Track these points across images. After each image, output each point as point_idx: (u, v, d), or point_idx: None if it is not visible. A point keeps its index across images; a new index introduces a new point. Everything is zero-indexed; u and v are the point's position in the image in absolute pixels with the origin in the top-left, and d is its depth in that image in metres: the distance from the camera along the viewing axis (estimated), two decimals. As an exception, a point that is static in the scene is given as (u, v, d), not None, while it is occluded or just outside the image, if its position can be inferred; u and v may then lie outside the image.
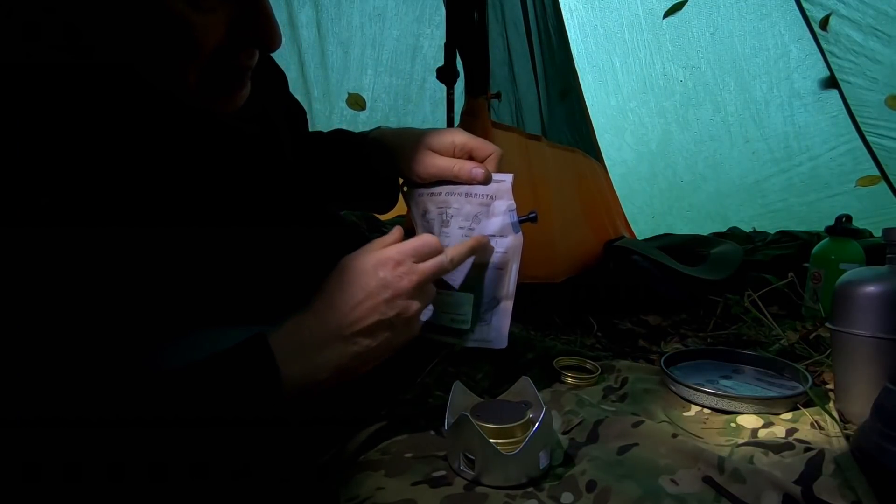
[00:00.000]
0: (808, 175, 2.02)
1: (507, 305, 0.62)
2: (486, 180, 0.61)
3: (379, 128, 0.72)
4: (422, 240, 0.55)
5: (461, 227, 0.62)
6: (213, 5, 0.42)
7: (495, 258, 0.61)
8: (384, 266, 0.51)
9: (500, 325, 0.62)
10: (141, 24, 0.41)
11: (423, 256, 0.54)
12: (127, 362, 0.44)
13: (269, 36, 0.46)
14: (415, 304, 0.52)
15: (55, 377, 0.39)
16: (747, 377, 0.80)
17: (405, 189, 0.69)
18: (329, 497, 0.52)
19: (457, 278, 0.61)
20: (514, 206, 0.61)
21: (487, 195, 0.62)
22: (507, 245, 0.61)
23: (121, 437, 0.40)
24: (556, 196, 1.27)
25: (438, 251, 0.55)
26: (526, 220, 0.62)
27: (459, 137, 0.64)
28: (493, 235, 0.61)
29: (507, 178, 0.62)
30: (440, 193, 0.64)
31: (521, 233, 0.61)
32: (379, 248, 0.54)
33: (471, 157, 0.64)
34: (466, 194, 0.62)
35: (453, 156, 0.64)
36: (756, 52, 1.91)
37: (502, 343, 0.62)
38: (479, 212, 0.62)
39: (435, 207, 0.64)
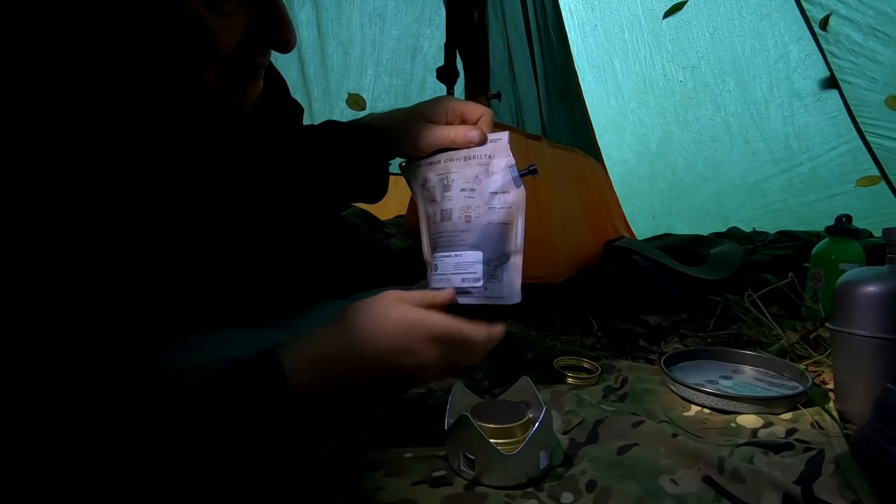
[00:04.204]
0: (808, 175, 2.02)
1: (517, 261, 0.61)
2: (483, 140, 0.62)
3: (370, 114, 0.73)
4: (471, 333, 0.54)
5: (463, 190, 0.62)
6: (231, 9, 0.42)
7: (501, 214, 0.61)
8: (418, 339, 0.51)
9: (511, 281, 0.61)
10: (158, 27, 0.41)
11: (463, 350, 0.54)
12: (129, 365, 0.44)
13: (284, 37, 0.46)
14: (434, 374, 0.54)
15: (56, 378, 0.39)
16: (747, 377, 0.80)
17: (402, 165, 0.69)
18: (329, 497, 0.52)
19: (467, 239, 0.61)
20: (514, 161, 0.62)
21: (486, 155, 0.63)
22: (510, 201, 0.61)
23: (121, 438, 0.40)
24: (556, 196, 1.27)
25: (480, 351, 0.55)
26: (526, 173, 0.62)
27: (451, 103, 0.64)
28: (496, 192, 0.61)
29: (503, 136, 0.63)
30: (439, 161, 0.64)
31: (523, 187, 0.62)
32: (427, 306, 0.54)
33: (463, 121, 0.64)
34: (465, 158, 0.63)
35: (447, 122, 0.64)
36: (756, 52, 1.91)
37: (515, 298, 0.61)
38: (479, 172, 0.62)
39: (435, 175, 0.64)
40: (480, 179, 0.62)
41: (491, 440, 0.52)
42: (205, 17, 0.41)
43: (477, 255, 0.61)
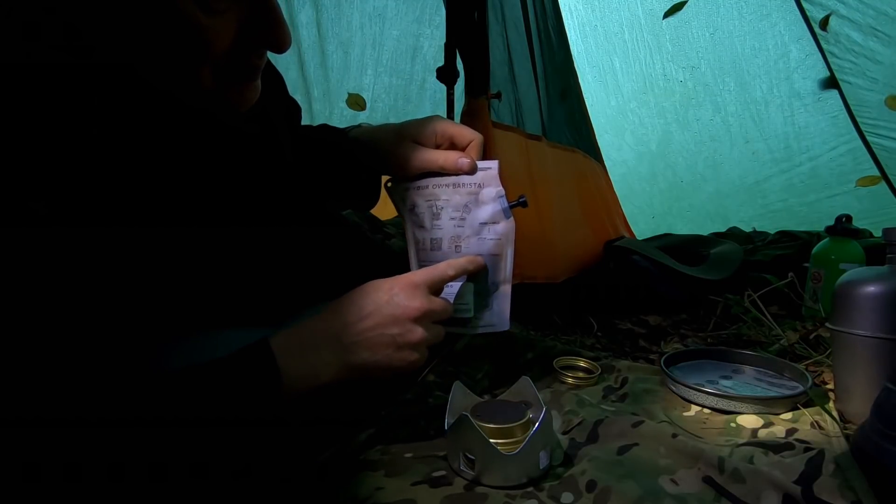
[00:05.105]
0: (808, 175, 2.02)
1: (507, 289, 0.63)
2: (473, 170, 0.62)
3: (360, 125, 0.72)
4: (438, 270, 0.56)
5: (452, 219, 0.62)
6: (223, 8, 0.42)
7: (490, 245, 0.62)
8: (398, 285, 0.53)
9: (501, 309, 0.63)
10: (151, 26, 0.41)
11: (437, 287, 0.56)
12: (128, 363, 0.44)
13: (279, 37, 0.46)
14: (419, 331, 0.52)
15: (56, 378, 0.39)
16: (747, 377, 0.80)
17: (389, 185, 0.68)
18: (329, 497, 0.52)
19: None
20: (503, 192, 0.62)
21: (475, 184, 0.62)
22: (500, 232, 0.62)
23: (121, 437, 0.40)
24: (556, 196, 1.27)
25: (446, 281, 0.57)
26: (516, 204, 0.63)
27: (440, 125, 0.64)
28: (486, 223, 0.62)
29: (493, 165, 0.62)
30: (427, 186, 0.64)
31: (512, 217, 0.62)
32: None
33: (452, 145, 0.64)
34: (454, 185, 0.63)
35: (436, 144, 0.64)
36: (756, 52, 1.91)
37: (505, 325, 0.63)
38: (469, 201, 0.62)
39: (423, 201, 0.64)
40: (470, 208, 0.62)
41: (491, 440, 0.52)
42: (197, 16, 0.41)
43: (469, 287, 0.62)
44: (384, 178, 0.71)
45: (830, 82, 1.83)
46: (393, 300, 0.52)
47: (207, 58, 0.44)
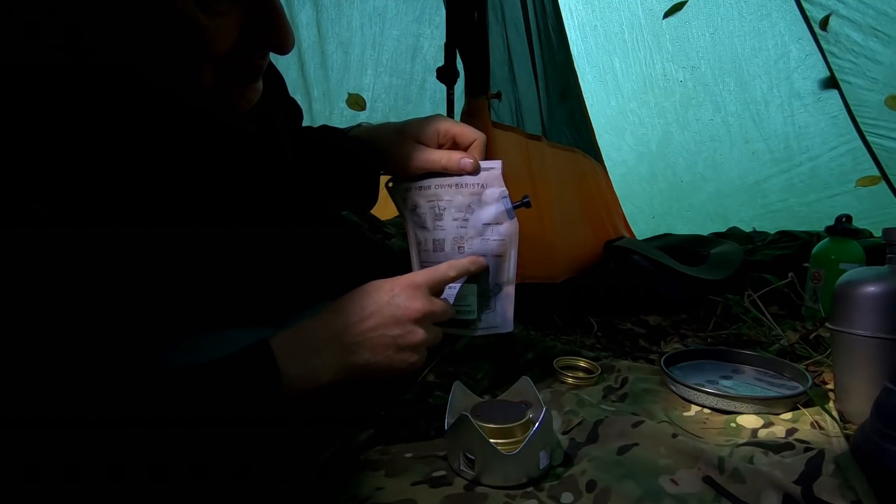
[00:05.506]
0: (808, 175, 2.02)
1: (510, 290, 0.63)
2: (476, 170, 0.61)
3: (360, 124, 0.72)
4: (439, 271, 0.56)
5: (455, 219, 0.62)
6: (225, 9, 0.42)
7: (494, 246, 0.61)
8: (399, 286, 0.53)
9: (504, 310, 0.63)
10: (152, 27, 0.41)
11: (438, 288, 0.56)
12: (128, 363, 0.44)
13: (281, 39, 0.46)
14: (420, 332, 0.52)
15: (56, 378, 0.39)
16: (747, 377, 0.80)
17: (389, 185, 0.68)
18: (329, 497, 0.52)
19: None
20: (507, 192, 0.62)
21: (478, 184, 0.62)
22: (504, 233, 0.61)
23: (121, 437, 0.40)
24: (556, 196, 1.27)
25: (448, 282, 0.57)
26: (520, 205, 0.62)
27: (443, 124, 0.63)
28: (489, 224, 0.61)
29: (497, 165, 0.62)
30: (429, 186, 0.63)
31: (516, 218, 0.62)
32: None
33: (455, 144, 0.63)
34: (456, 185, 0.62)
35: (438, 144, 0.63)
36: (756, 52, 1.91)
37: (509, 327, 0.63)
38: (472, 201, 0.62)
39: (425, 202, 0.63)
40: (473, 209, 0.62)
41: (491, 440, 0.53)
42: (197, 17, 0.41)
43: (471, 288, 0.61)
44: (384, 178, 0.70)
45: (830, 82, 1.83)
46: (394, 301, 0.52)
47: (208, 58, 0.44)
